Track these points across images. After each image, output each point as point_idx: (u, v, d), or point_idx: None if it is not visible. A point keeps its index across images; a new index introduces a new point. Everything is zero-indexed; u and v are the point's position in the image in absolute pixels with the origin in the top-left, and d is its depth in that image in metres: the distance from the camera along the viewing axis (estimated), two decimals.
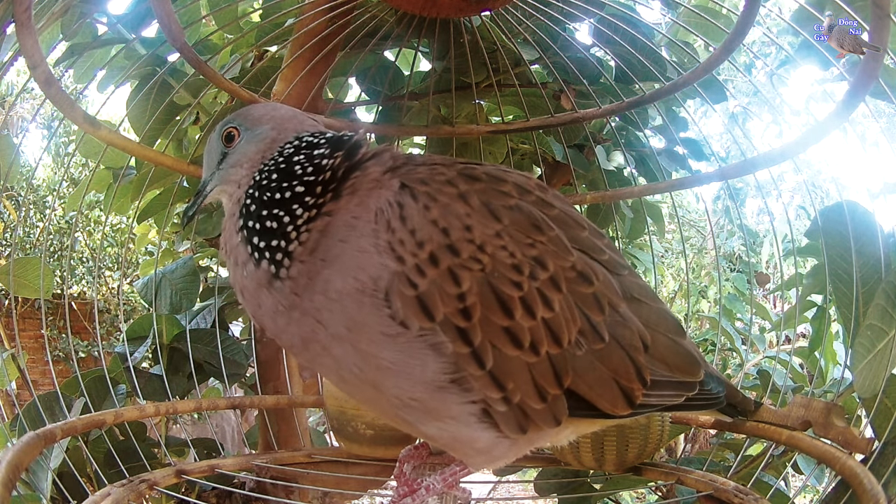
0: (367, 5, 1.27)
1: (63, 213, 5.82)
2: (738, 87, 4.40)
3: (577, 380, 0.70)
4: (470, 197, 0.68)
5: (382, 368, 0.67)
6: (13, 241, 4.45)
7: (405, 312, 0.64)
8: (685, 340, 0.79)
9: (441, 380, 0.66)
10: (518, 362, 0.67)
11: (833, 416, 0.99)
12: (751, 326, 1.66)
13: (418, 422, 0.71)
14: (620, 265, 0.77)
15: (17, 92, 6.19)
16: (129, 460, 1.25)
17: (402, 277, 0.64)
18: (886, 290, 0.98)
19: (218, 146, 0.79)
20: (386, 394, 0.69)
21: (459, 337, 0.65)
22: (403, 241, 0.65)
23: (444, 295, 0.65)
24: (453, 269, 0.65)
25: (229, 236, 0.73)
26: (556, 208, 0.74)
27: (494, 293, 0.66)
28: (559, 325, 0.68)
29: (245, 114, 0.79)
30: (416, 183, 0.69)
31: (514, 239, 0.68)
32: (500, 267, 0.66)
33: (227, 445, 3.18)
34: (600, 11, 1.29)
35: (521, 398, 0.68)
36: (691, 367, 0.78)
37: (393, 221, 0.66)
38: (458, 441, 0.72)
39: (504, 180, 0.72)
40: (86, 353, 5.97)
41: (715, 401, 0.82)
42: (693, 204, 6.82)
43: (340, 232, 0.67)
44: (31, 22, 0.87)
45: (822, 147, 1.06)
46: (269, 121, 0.77)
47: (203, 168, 0.81)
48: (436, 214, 0.66)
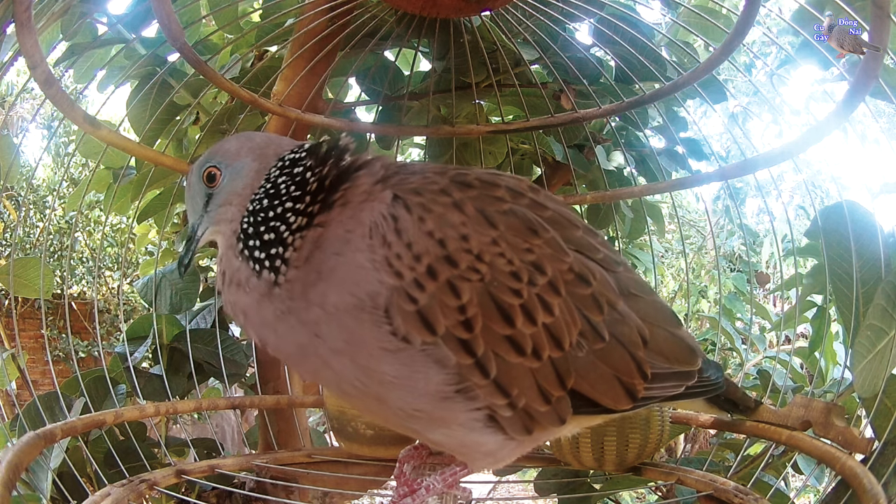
0: (367, 5, 1.27)
1: (63, 213, 5.82)
2: (738, 87, 4.40)
3: (579, 380, 0.70)
4: (465, 205, 0.68)
5: (385, 382, 0.66)
6: (13, 241, 4.45)
7: (406, 328, 0.64)
8: (681, 331, 0.80)
9: (446, 391, 0.66)
10: (521, 368, 0.67)
11: (833, 416, 0.99)
12: (751, 326, 1.66)
13: (425, 430, 0.71)
14: (615, 262, 0.77)
15: (17, 92, 6.19)
16: (129, 460, 1.25)
17: (402, 293, 0.64)
18: (886, 290, 0.98)
19: (200, 188, 0.76)
20: (390, 406, 0.69)
21: (462, 348, 0.65)
22: (400, 255, 0.64)
23: (444, 308, 0.64)
24: (452, 280, 0.64)
25: (228, 264, 0.72)
26: (550, 209, 0.74)
27: (495, 302, 0.66)
28: (560, 329, 0.68)
29: (221, 150, 0.76)
30: (409, 194, 0.68)
31: (511, 245, 0.67)
32: (499, 275, 0.66)
33: (227, 445, 3.18)
34: (600, 11, 1.29)
35: (525, 403, 0.68)
36: (689, 356, 0.79)
37: (388, 235, 0.65)
38: (466, 446, 0.73)
39: (497, 185, 0.72)
40: (86, 353, 5.98)
41: (714, 387, 0.83)
42: (693, 204, 6.82)
43: (334, 245, 0.67)
44: (31, 22, 0.87)
45: (822, 147, 1.06)
46: (247, 153, 0.75)
47: (188, 213, 0.79)
48: (431, 226, 0.66)
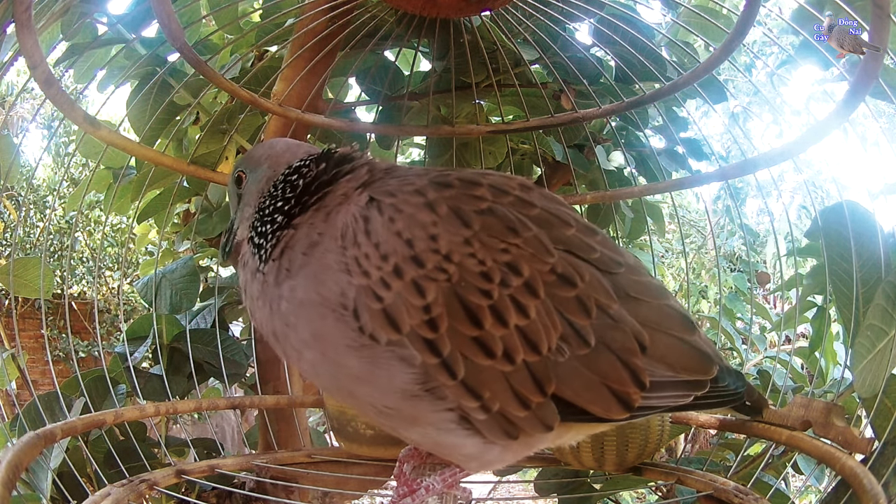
0: (367, 5, 1.27)
1: (63, 213, 5.82)
2: (739, 87, 4.41)
3: (561, 386, 0.68)
4: (438, 205, 0.68)
5: (352, 377, 0.68)
6: (13, 241, 4.45)
7: (373, 325, 0.65)
8: (694, 337, 0.75)
9: (413, 389, 0.66)
10: (492, 371, 0.66)
11: (833, 416, 0.99)
12: (751, 326, 1.66)
13: (400, 427, 0.71)
14: (616, 263, 0.73)
15: (17, 92, 6.19)
16: (129, 460, 1.25)
17: (368, 291, 0.65)
18: (886, 290, 0.98)
19: (233, 189, 0.86)
20: (361, 401, 0.70)
21: (427, 348, 0.65)
22: (368, 255, 0.66)
23: (409, 307, 0.65)
24: (417, 280, 0.65)
25: (244, 252, 0.80)
26: (538, 207, 0.72)
27: (461, 303, 0.65)
28: (536, 332, 0.66)
29: (249, 157, 0.85)
30: (383, 195, 0.69)
31: (484, 245, 0.67)
32: (468, 275, 0.65)
33: (227, 445, 3.18)
34: (600, 11, 1.29)
35: (500, 406, 0.67)
36: (701, 364, 0.74)
37: (359, 236, 0.67)
38: (443, 447, 0.72)
39: (478, 184, 0.71)
40: (86, 353, 5.98)
41: (732, 397, 0.77)
42: (693, 204, 6.82)
43: (303, 245, 0.71)
44: (31, 22, 0.87)
45: (823, 147, 1.06)
46: (266, 160, 0.82)
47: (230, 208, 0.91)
48: (400, 226, 0.66)
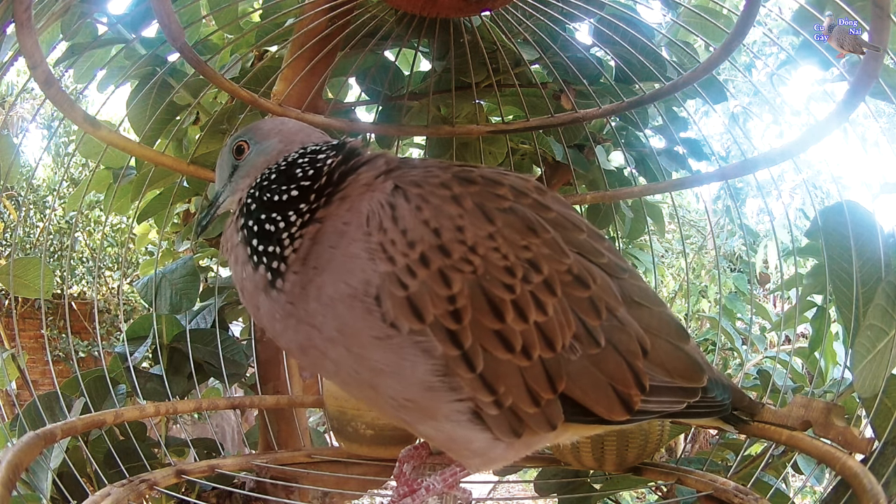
0: (367, 5, 1.27)
1: (63, 213, 5.82)
2: (739, 87, 4.40)
3: (571, 385, 0.69)
4: (463, 199, 0.68)
5: (376, 370, 0.67)
6: (13, 241, 4.45)
7: (395, 313, 0.65)
8: (688, 345, 0.77)
9: (431, 381, 0.66)
10: (509, 366, 0.67)
11: (833, 416, 0.99)
12: (751, 326, 1.66)
13: (415, 422, 0.71)
14: (621, 268, 0.76)
15: (17, 92, 6.19)
16: (129, 460, 1.25)
17: (393, 278, 0.65)
18: (886, 290, 0.98)
19: (229, 159, 0.81)
20: (382, 394, 0.69)
21: (449, 339, 0.65)
22: (395, 241, 0.65)
23: (434, 296, 0.64)
24: (444, 270, 0.65)
25: (230, 235, 0.75)
26: (554, 211, 0.73)
27: (485, 296, 0.66)
28: (552, 330, 0.68)
29: (255, 128, 0.81)
30: (409, 185, 0.69)
31: (507, 241, 0.67)
32: (492, 269, 0.66)
33: (227, 445, 3.18)
34: (600, 11, 1.29)
35: (513, 402, 0.68)
36: (693, 372, 0.76)
37: (385, 222, 0.66)
38: (455, 442, 0.72)
39: (500, 183, 0.72)
40: (86, 353, 5.99)
41: (719, 408, 0.80)
42: (693, 204, 6.81)
43: (331, 238, 0.68)
44: (31, 22, 0.87)
45: (823, 147, 1.06)
46: (276, 134, 0.79)
47: (216, 180, 0.85)
48: (427, 215, 0.66)
